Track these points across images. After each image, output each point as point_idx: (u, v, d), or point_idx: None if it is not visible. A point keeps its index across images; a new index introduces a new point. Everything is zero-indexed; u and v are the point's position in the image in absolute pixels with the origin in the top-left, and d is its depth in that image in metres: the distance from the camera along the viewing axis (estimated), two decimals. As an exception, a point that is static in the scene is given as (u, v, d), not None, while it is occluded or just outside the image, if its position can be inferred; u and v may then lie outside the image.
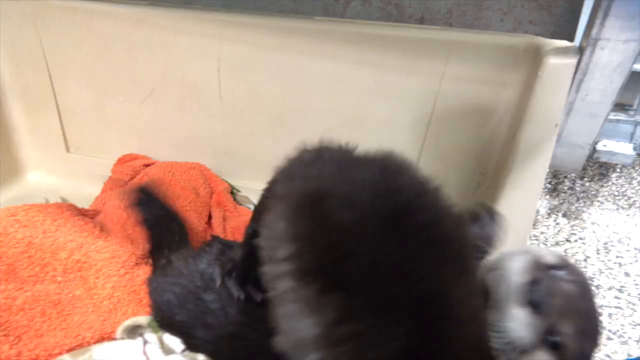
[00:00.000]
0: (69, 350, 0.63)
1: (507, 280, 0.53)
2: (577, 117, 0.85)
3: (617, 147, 0.99)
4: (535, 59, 0.80)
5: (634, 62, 0.74)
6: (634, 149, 0.99)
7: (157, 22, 1.01)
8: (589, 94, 0.80)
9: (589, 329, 0.53)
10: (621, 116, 0.98)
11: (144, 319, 0.63)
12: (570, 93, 0.81)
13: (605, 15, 0.67)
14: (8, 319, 0.64)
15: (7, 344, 0.61)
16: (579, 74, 0.78)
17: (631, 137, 0.99)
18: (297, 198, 0.50)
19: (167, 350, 0.60)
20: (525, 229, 0.83)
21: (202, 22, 0.99)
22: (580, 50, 0.76)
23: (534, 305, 0.51)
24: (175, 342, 0.60)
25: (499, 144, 0.90)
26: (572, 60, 0.73)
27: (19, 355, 0.60)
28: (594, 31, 0.70)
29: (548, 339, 0.51)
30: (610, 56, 0.73)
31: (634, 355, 0.80)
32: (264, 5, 1.12)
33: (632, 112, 0.98)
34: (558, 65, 0.74)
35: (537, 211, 1.17)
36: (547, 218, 1.16)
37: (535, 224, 1.14)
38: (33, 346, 0.62)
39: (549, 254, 0.56)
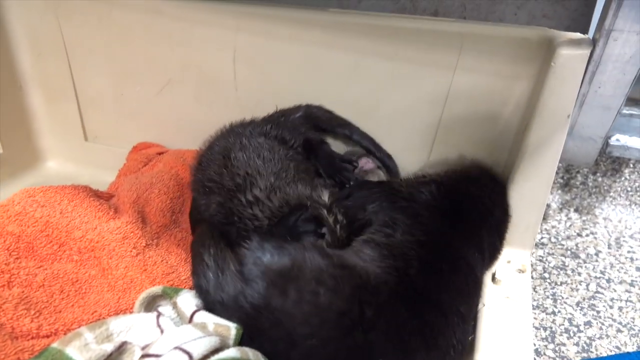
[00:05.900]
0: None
1: None
2: (590, 110, 0.84)
3: (630, 142, 0.99)
4: (548, 51, 0.79)
5: (647, 54, 0.73)
6: (647, 143, 0.98)
7: (175, 13, 1.02)
8: (601, 87, 0.80)
9: None
10: (635, 111, 0.98)
11: (158, 288, 0.64)
12: (583, 85, 0.80)
13: (619, 6, 0.66)
14: (29, 294, 0.66)
15: (28, 317, 0.62)
16: (591, 66, 0.77)
17: (644, 132, 0.98)
18: None
19: (181, 315, 0.62)
20: (536, 220, 0.83)
21: (219, 14, 1.00)
22: (593, 42, 0.76)
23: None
24: (188, 305, 0.61)
25: (511, 136, 0.90)
26: (584, 51, 0.73)
27: (39, 328, 0.62)
28: (607, 22, 0.70)
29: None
30: (624, 48, 0.72)
31: (644, 348, 0.80)
32: (279, -3, 1.13)
33: (646, 107, 0.97)
34: (571, 56, 0.73)
35: (549, 206, 1.17)
36: (559, 213, 1.16)
37: (546, 218, 1.14)
38: (53, 320, 0.64)
39: None
